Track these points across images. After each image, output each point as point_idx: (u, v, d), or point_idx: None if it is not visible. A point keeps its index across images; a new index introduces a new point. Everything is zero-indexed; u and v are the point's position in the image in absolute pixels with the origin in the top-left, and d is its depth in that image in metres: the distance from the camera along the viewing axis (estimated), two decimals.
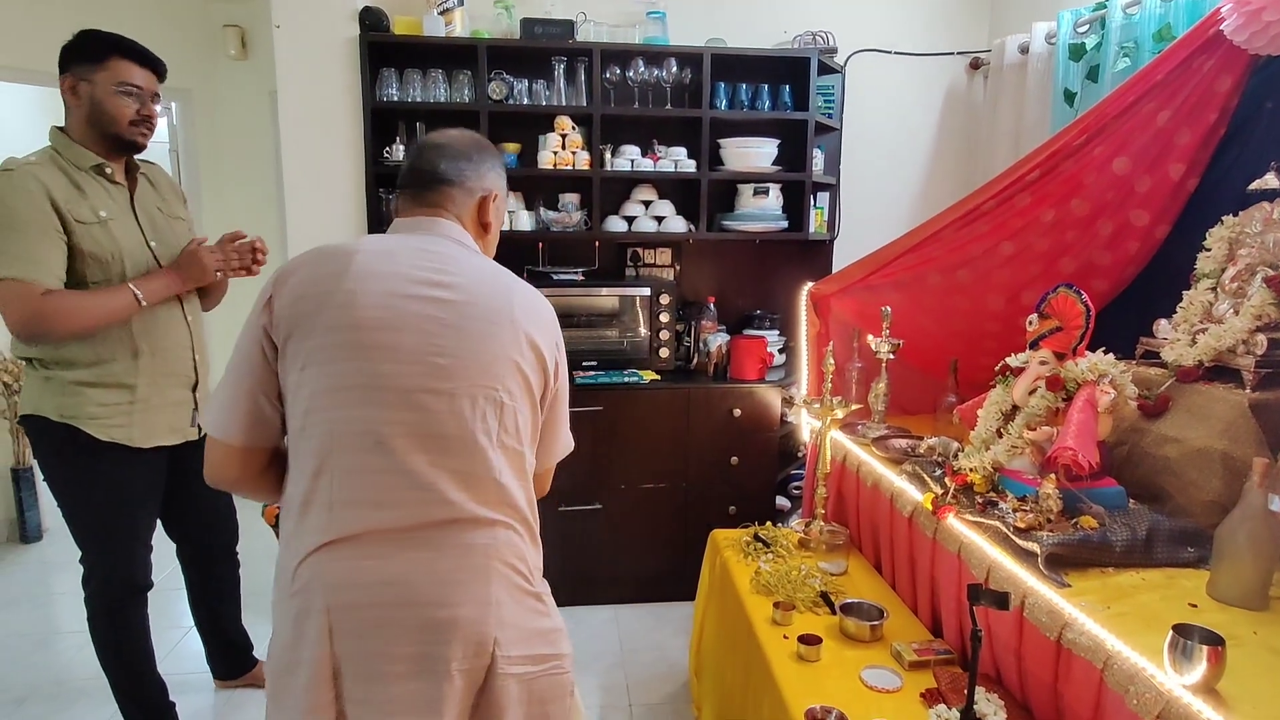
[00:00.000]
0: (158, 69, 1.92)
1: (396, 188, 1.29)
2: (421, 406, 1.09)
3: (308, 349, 1.09)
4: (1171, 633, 1.15)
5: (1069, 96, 2.63)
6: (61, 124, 1.87)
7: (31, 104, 4.66)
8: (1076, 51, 2.58)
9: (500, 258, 1.30)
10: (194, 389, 2.04)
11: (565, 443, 1.34)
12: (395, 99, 2.86)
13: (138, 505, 1.98)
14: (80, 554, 1.97)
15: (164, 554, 2.08)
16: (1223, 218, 1.89)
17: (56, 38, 1.85)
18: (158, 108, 1.94)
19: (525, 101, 2.94)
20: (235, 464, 1.16)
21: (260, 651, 2.48)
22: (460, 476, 1.10)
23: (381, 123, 2.90)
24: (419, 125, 2.98)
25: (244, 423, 1.13)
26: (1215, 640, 1.13)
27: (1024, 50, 2.91)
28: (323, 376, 1.09)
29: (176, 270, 1.94)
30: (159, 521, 2.13)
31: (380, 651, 1.06)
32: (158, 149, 4.12)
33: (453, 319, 1.12)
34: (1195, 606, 1.38)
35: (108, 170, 1.87)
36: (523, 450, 1.17)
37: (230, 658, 2.41)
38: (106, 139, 1.86)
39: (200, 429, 2.05)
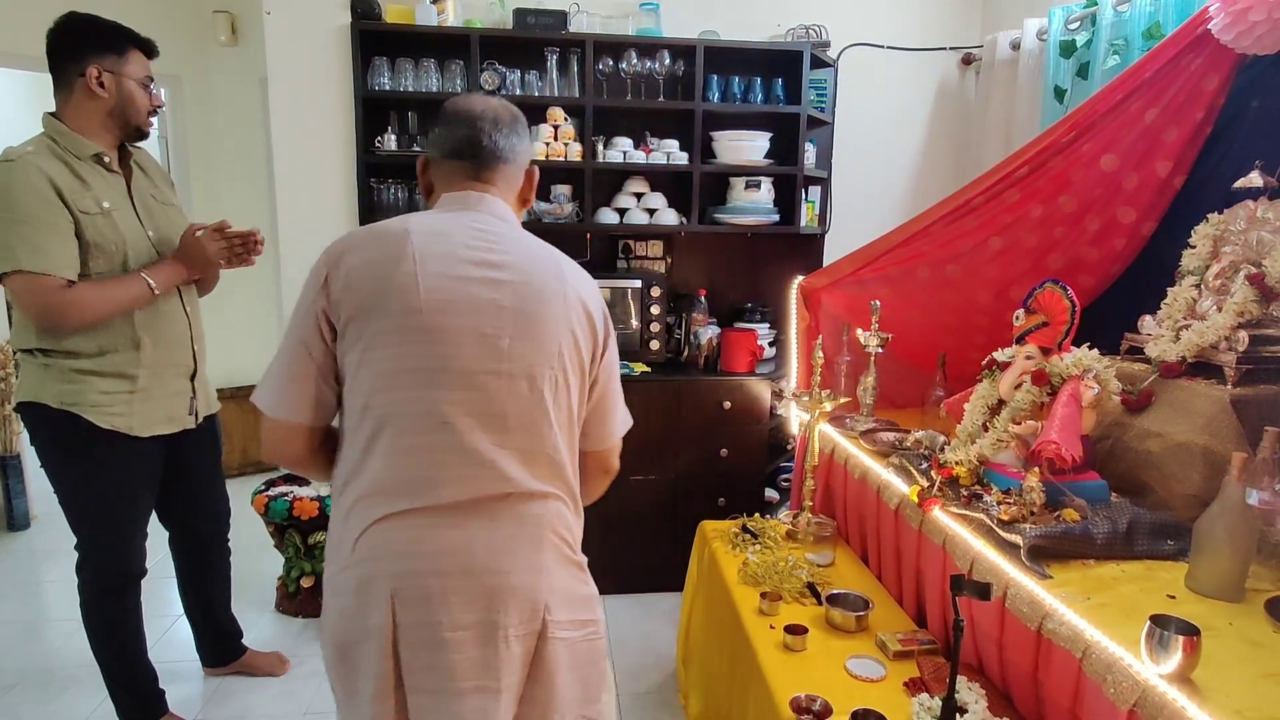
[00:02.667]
0: (155, 55, 1.93)
1: (441, 155, 1.25)
2: (482, 387, 1.12)
3: (370, 332, 1.11)
4: (1149, 623, 1.17)
5: (1059, 93, 2.64)
6: (50, 112, 1.84)
7: (19, 90, 4.62)
8: (1067, 48, 2.60)
9: None
10: (192, 378, 2.04)
11: (624, 417, 1.34)
12: (387, 88, 2.85)
13: (134, 493, 1.98)
14: (75, 540, 1.97)
15: (152, 542, 2.08)
16: (1208, 215, 1.91)
17: (47, 22, 1.82)
18: (161, 94, 1.96)
19: (518, 92, 2.93)
20: (293, 442, 1.18)
21: (249, 639, 2.48)
22: (519, 454, 1.14)
23: (373, 112, 2.88)
24: (411, 115, 2.97)
25: (302, 402, 1.16)
26: (1191, 631, 1.15)
27: (1015, 46, 2.92)
28: (386, 359, 1.11)
29: (182, 258, 1.93)
30: (155, 506, 2.13)
31: (441, 620, 1.10)
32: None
33: (509, 300, 1.14)
34: (1174, 598, 1.40)
35: (106, 159, 1.86)
36: (573, 426, 1.22)
37: (220, 645, 2.42)
38: (124, 129, 1.87)
39: (197, 418, 2.06)
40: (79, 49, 1.80)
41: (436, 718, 1.11)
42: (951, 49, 3.35)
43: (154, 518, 2.13)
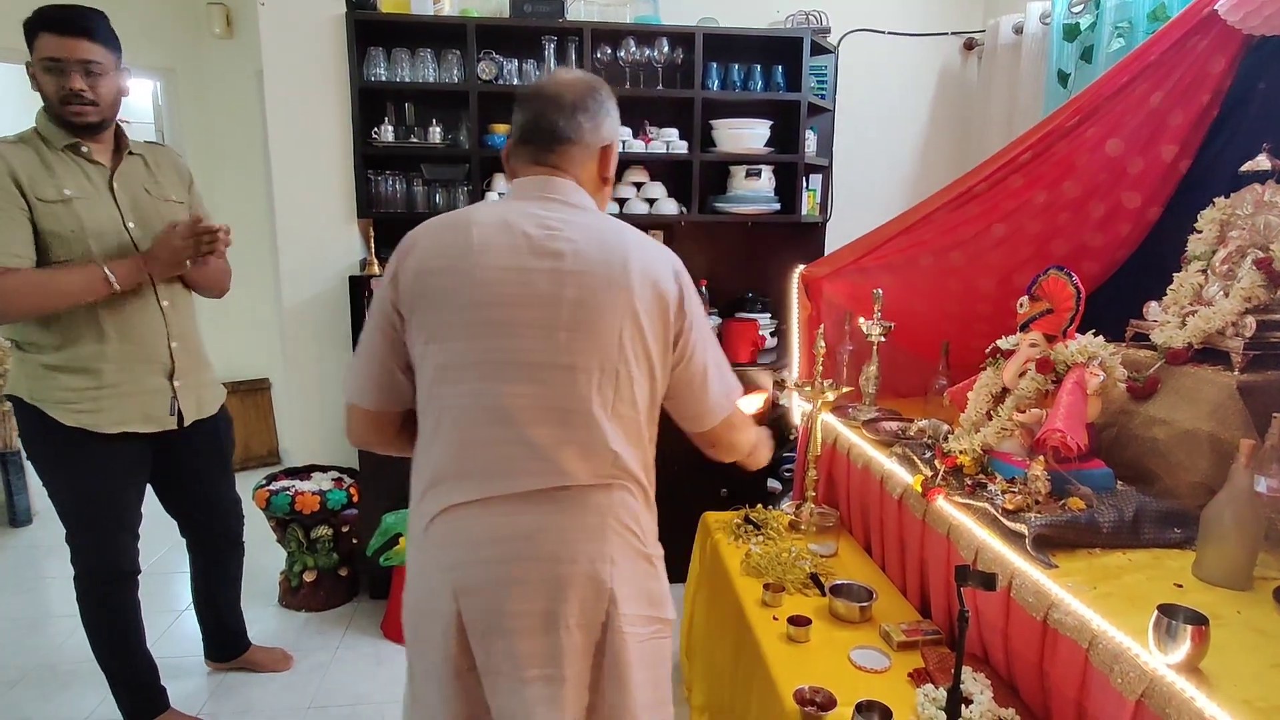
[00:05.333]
0: (84, 32, 1.72)
1: (513, 140, 1.26)
2: (543, 380, 1.12)
3: (432, 324, 1.14)
4: (1156, 612, 1.16)
5: (1063, 77, 2.61)
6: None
7: (18, 84, 4.59)
8: (1071, 32, 2.56)
9: None
10: (171, 377, 1.97)
11: (720, 396, 1.26)
12: (383, 79, 2.83)
13: (115, 492, 1.95)
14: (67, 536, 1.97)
15: (157, 537, 2.08)
16: (1214, 199, 1.89)
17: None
18: (114, 77, 1.79)
19: (515, 82, 2.90)
20: (370, 426, 1.24)
21: (252, 634, 2.48)
22: (578, 447, 1.13)
23: (369, 103, 2.86)
24: (407, 106, 2.94)
25: (375, 389, 1.21)
26: (1199, 620, 1.14)
27: (1018, 30, 2.89)
28: (447, 351, 1.13)
29: (145, 255, 1.86)
30: (164, 506, 2.12)
31: (503, 609, 1.12)
32: (142, 129, 4.08)
33: (572, 292, 1.13)
34: (1181, 587, 1.39)
35: (84, 149, 1.83)
36: (639, 417, 1.19)
37: (224, 642, 2.41)
38: (59, 120, 1.80)
39: (181, 419, 2.01)
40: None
41: (510, 698, 1.14)
42: (953, 34, 3.31)
43: (160, 512, 2.12)
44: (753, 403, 1.38)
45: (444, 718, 1.17)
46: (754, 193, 3.01)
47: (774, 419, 3.00)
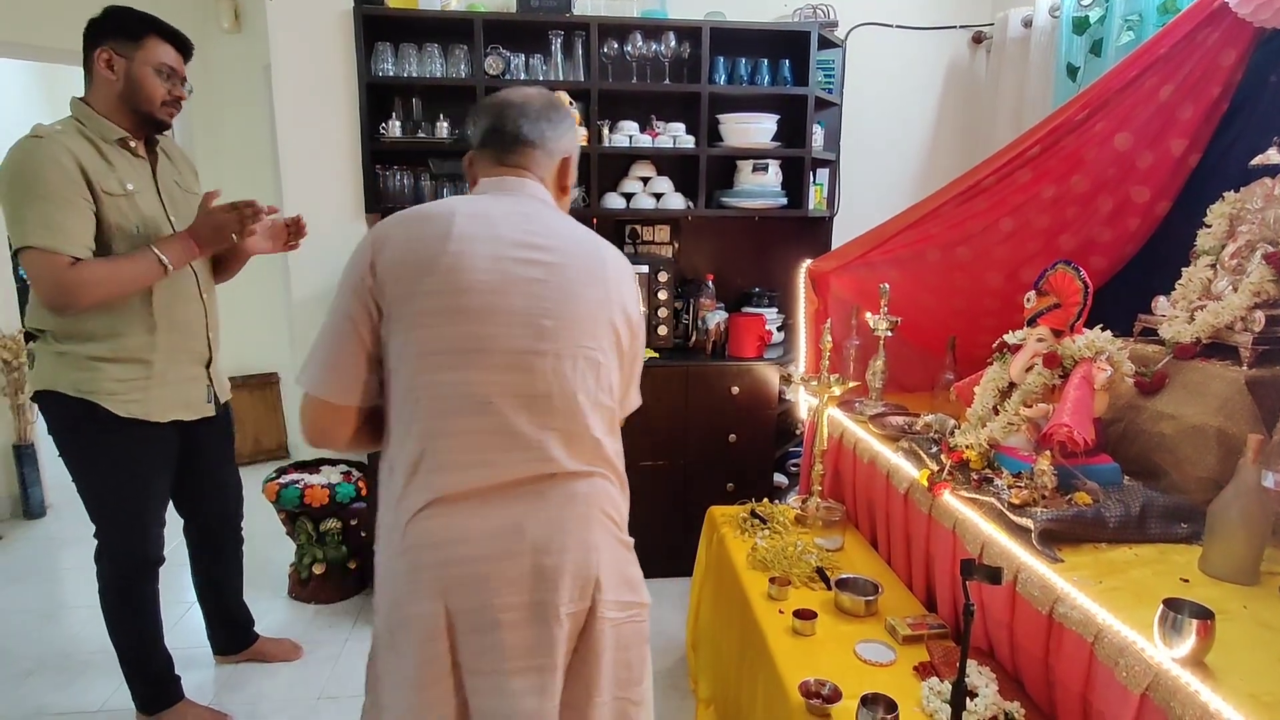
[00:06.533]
0: (187, 50, 1.93)
1: (475, 146, 1.30)
2: (526, 368, 1.13)
3: (414, 312, 1.12)
4: (1162, 607, 1.16)
5: (1072, 71, 2.60)
6: (78, 96, 1.87)
7: (23, 79, 4.62)
8: (1080, 25, 2.55)
9: None
10: (207, 365, 2.05)
11: (634, 399, 1.36)
12: (391, 74, 2.83)
13: (151, 481, 2.00)
14: (94, 529, 1.99)
15: (168, 530, 2.10)
16: (1224, 193, 1.88)
17: (54, 13, 1.83)
18: (186, 88, 1.94)
19: (522, 76, 2.91)
20: (334, 420, 1.18)
21: (261, 626, 2.51)
22: (562, 435, 1.15)
23: (377, 98, 2.87)
24: (415, 101, 2.95)
25: (344, 381, 1.16)
26: (1205, 614, 1.14)
27: (1027, 24, 2.87)
28: (430, 339, 1.12)
29: (193, 232, 1.90)
30: (173, 496, 2.15)
31: (492, 603, 1.11)
32: None
33: (554, 281, 1.16)
34: (1187, 581, 1.39)
35: (131, 144, 1.88)
36: (614, 407, 1.24)
37: (231, 633, 2.44)
38: (137, 115, 1.87)
39: (216, 404, 2.08)
40: (97, 33, 1.83)
41: (493, 697, 1.12)
42: (962, 27, 3.30)
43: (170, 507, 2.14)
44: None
45: None
46: (761, 187, 3.01)
47: (780, 413, 3.00)
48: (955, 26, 3.29)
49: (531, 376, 1.13)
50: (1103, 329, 1.76)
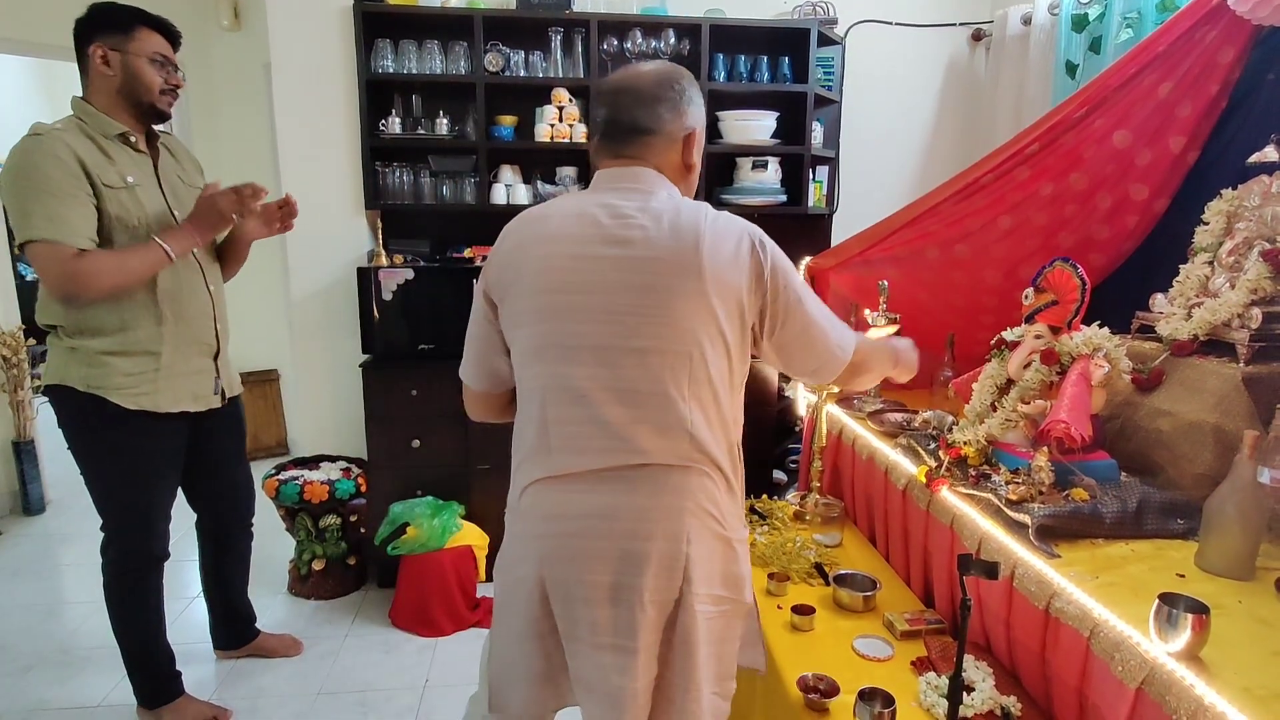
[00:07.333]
0: (176, 39, 1.95)
1: (595, 137, 1.29)
2: (613, 363, 1.16)
3: (515, 311, 1.22)
4: (1157, 601, 1.16)
5: (1071, 68, 2.60)
6: (78, 95, 1.88)
7: (20, 76, 4.62)
8: (1079, 22, 2.55)
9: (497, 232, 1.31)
10: (215, 357, 2.06)
11: (832, 340, 1.28)
12: (391, 70, 2.84)
13: (159, 475, 2.01)
14: (100, 522, 2.00)
15: (173, 525, 2.10)
16: (1222, 191, 1.88)
17: (50, 9, 1.84)
18: (180, 75, 1.96)
19: (522, 73, 2.91)
20: (482, 405, 1.38)
21: (262, 622, 2.52)
22: (653, 428, 1.17)
23: (377, 95, 2.87)
24: (415, 98, 2.95)
25: (481, 373, 1.33)
26: (1200, 608, 1.14)
27: (1026, 21, 2.87)
28: (529, 336, 1.21)
29: (193, 219, 1.92)
30: (181, 493, 2.16)
31: (580, 579, 1.17)
32: None
33: (640, 277, 1.16)
34: (1183, 577, 1.39)
35: (132, 139, 1.90)
36: (718, 399, 1.20)
37: (234, 629, 2.45)
38: (138, 107, 1.89)
39: (223, 396, 2.10)
40: (87, 30, 1.84)
41: (586, 665, 1.20)
42: (961, 25, 3.30)
43: (179, 501, 2.15)
44: (882, 331, 1.41)
45: (521, 675, 1.25)
46: (760, 184, 3.01)
47: (779, 410, 3.01)
48: (955, 24, 3.30)
49: (619, 371, 1.16)
50: (1100, 326, 1.76)
